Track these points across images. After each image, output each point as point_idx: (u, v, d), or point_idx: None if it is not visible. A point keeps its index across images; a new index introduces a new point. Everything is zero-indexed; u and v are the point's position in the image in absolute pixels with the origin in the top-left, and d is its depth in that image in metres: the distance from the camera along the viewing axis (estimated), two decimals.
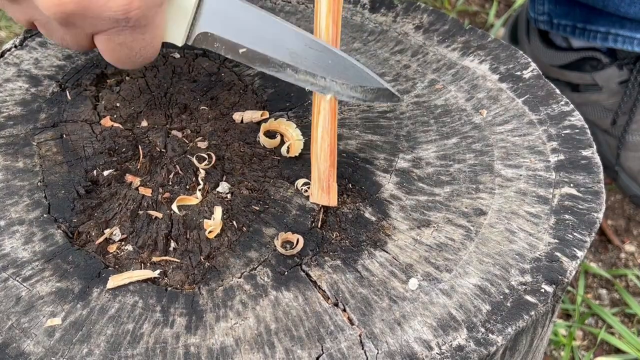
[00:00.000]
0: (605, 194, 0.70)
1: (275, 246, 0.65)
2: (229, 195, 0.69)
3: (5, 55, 0.83)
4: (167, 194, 0.69)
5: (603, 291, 1.25)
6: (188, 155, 0.72)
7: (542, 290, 0.62)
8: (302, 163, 0.72)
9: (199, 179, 0.70)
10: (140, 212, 0.67)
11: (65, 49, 0.84)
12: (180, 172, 0.71)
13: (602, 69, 1.33)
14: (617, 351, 1.16)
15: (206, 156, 0.72)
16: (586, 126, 0.76)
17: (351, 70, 0.66)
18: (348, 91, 0.66)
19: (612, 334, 1.18)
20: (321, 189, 0.68)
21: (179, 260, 0.64)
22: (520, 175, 0.71)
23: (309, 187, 0.69)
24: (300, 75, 0.67)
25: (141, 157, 0.72)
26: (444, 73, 0.82)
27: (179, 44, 0.68)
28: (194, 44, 0.68)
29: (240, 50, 0.67)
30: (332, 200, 0.68)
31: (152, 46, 0.65)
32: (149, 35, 0.63)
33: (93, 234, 0.65)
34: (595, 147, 0.74)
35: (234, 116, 0.77)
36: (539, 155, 0.73)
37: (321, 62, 0.66)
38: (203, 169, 0.71)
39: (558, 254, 0.65)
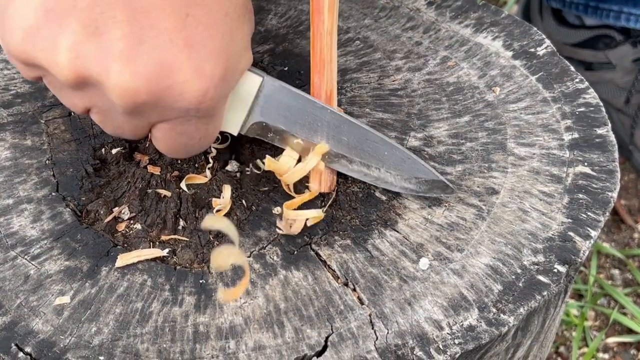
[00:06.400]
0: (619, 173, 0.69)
1: None
2: (238, 174, 0.69)
3: None
4: (175, 173, 0.69)
5: (615, 271, 1.24)
6: None
7: (555, 270, 0.61)
8: None
9: (209, 157, 0.69)
10: (149, 191, 0.67)
11: None
12: None
13: (615, 47, 1.31)
14: (630, 331, 1.16)
15: None
16: (601, 104, 0.74)
17: (407, 162, 0.65)
18: (402, 182, 0.65)
19: (625, 314, 1.18)
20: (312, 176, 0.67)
21: (188, 239, 0.64)
22: (534, 153, 0.70)
23: None
24: (355, 166, 0.66)
25: None
26: (457, 50, 0.81)
27: (235, 133, 0.65)
28: (247, 133, 0.65)
29: (295, 141, 0.65)
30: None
31: (211, 136, 0.61)
32: (212, 125, 0.60)
33: (102, 212, 0.65)
34: (610, 125, 0.73)
35: None
36: (553, 134, 0.72)
37: (377, 154, 0.65)
38: (212, 147, 0.70)
39: (571, 233, 0.64)
